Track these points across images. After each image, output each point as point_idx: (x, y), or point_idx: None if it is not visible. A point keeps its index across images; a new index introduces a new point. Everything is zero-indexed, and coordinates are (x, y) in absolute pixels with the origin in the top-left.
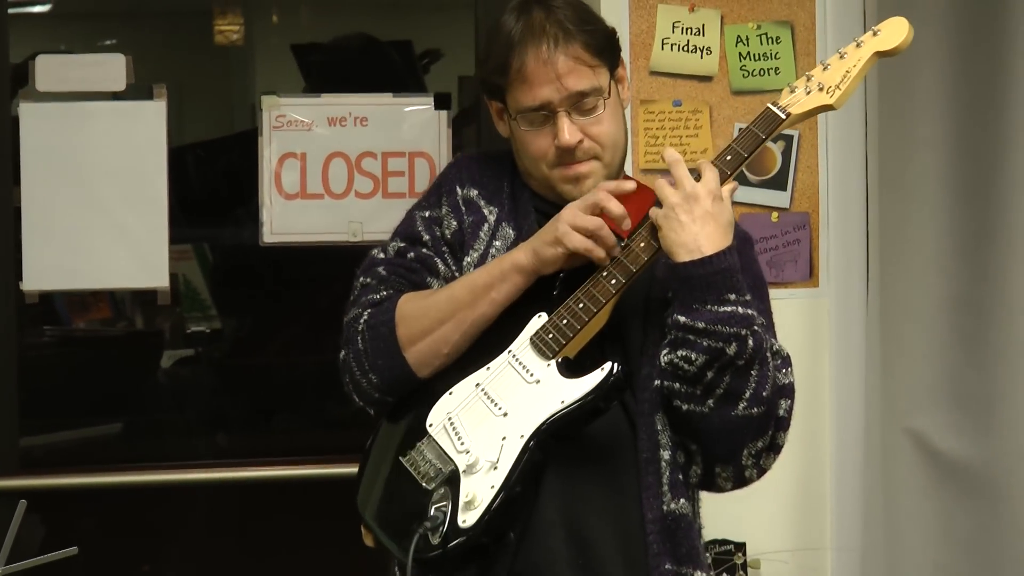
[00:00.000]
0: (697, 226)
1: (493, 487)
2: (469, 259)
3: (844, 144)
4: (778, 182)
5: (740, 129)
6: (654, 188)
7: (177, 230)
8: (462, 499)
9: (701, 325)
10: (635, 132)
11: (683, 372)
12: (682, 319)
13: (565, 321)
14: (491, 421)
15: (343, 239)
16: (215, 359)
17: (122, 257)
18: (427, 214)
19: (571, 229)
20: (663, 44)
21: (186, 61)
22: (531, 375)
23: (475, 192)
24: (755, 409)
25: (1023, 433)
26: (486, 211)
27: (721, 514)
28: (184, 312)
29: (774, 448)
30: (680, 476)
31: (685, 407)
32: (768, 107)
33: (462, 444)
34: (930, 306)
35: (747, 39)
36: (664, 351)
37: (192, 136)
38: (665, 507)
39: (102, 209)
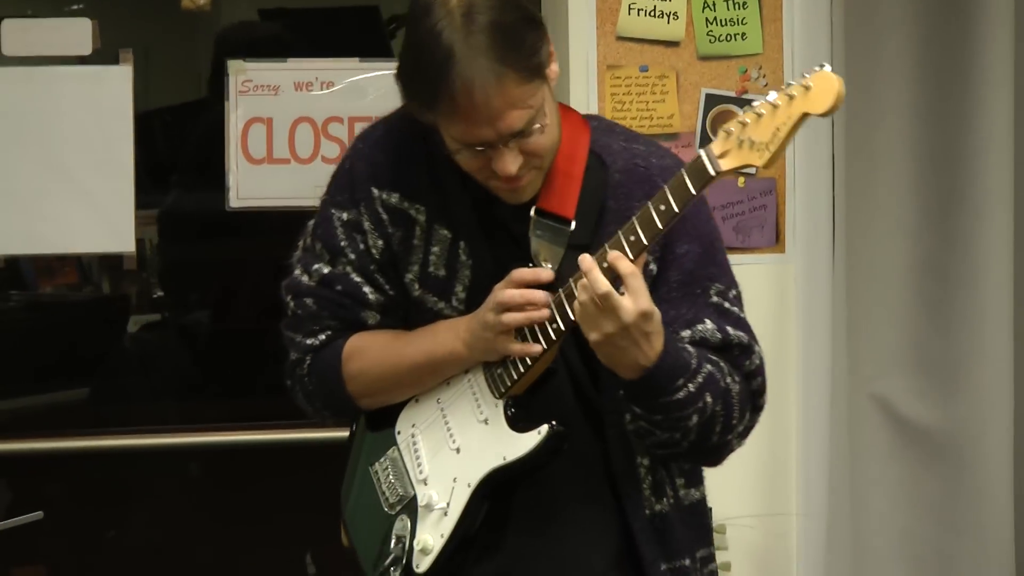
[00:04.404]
0: (635, 348)
1: (443, 536)
2: (410, 275)
3: None
4: None
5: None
6: (583, 308)
7: (144, 195)
8: (416, 546)
9: (659, 417)
10: (602, 97)
11: (652, 440)
12: (638, 410)
13: (512, 359)
14: (445, 454)
15: (310, 204)
16: (181, 324)
17: (88, 222)
18: (345, 217)
19: (506, 342)
20: (630, 9)
21: (153, 26)
22: (481, 412)
23: (395, 196)
24: (730, 435)
25: (987, 398)
26: (412, 212)
27: None
28: (151, 277)
29: (756, 410)
30: (659, 476)
31: (661, 452)
32: (700, 157)
33: (420, 472)
34: (896, 271)
35: (714, 4)
36: (627, 417)
37: (159, 101)
38: (649, 510)
39: (68, 174)
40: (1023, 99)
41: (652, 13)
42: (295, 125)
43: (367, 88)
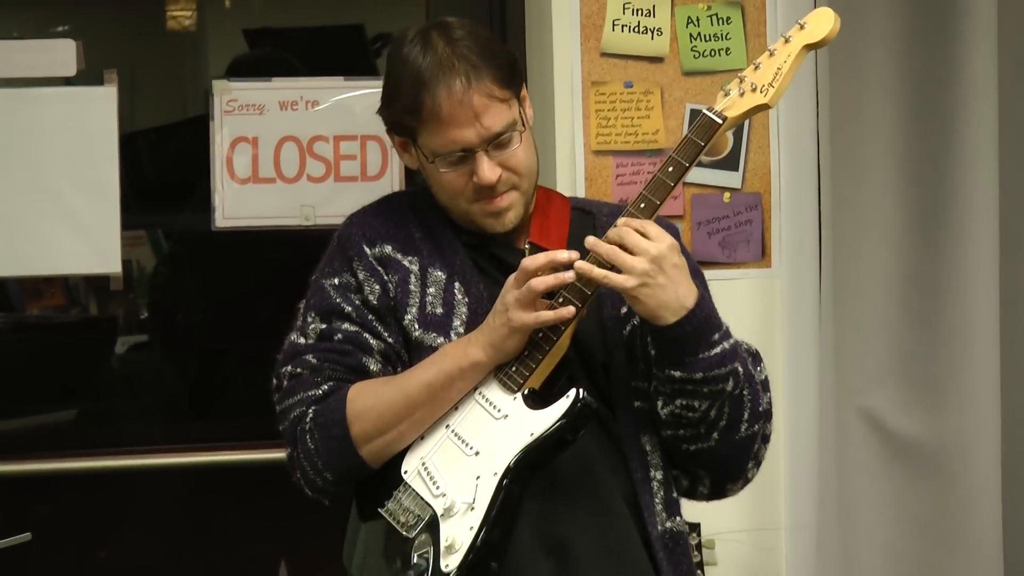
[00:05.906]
0: (674, 284)
1: (472, 528)
2: (409, 316)
3: (795, 124)
4: (730, 162)
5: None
6: (609, 257)
7: (130, 216)
8: (443, 544)
9: (699, 375)
10: (586, 114)
11: (687, 419)
12: (678, 374)
13: (527, 352)
14: (464, 462)
15: (296, 223)
16: (169, 345)
17: (74, 243)
18: (337, 281)
19: (523, 313)
20: (614, 25)
21: (138, 46)
22: (499, 411)
23: (388, 247)
24: (756, 425)
25: (974, 410)
26: (406, 263)
27: None
28: (138, 298)
29: (765, 441)
30: (673, 495)
31: (693, 447)
32: (704, 113)
33: (437, 488)
34: (882, 285)
35: (697, 20)
36: (660, 403)
37: (145, 122)
38: (661, 526)
39: (54, 195)
40: (1007, 111)
41: (636, 29)
42: (280, 144)
43: (352, 106)
